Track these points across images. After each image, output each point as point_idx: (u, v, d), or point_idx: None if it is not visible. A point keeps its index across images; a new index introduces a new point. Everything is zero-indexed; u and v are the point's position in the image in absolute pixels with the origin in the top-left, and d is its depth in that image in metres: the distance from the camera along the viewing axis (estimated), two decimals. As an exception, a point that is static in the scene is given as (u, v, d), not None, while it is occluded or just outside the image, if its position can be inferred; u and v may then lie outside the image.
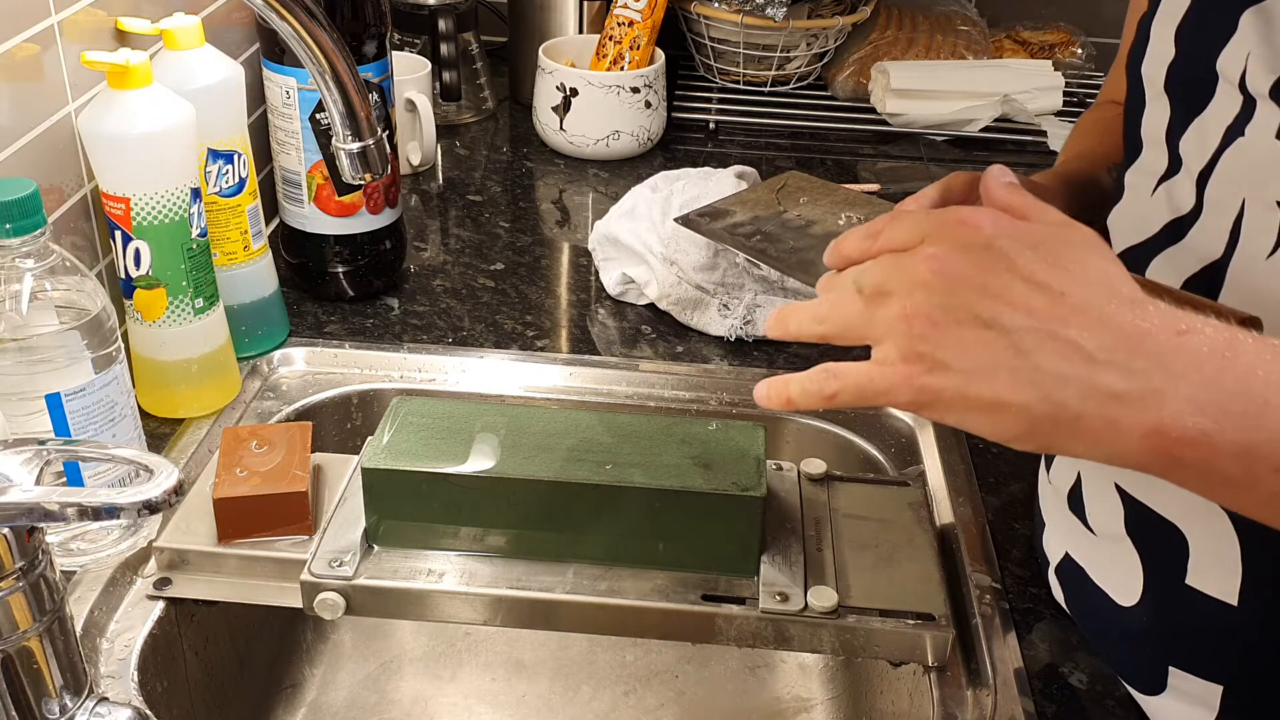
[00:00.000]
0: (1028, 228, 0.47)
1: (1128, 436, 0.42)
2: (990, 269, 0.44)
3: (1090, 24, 1.59)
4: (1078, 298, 0.44)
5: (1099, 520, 0.66)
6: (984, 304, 0.44)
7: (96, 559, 0.72)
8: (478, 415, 0.73)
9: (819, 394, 0.49)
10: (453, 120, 1.41)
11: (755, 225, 0.78)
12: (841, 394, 0.48)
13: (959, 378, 0.44)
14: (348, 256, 1.00)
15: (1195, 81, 0.56)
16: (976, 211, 0.47)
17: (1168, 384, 0.42)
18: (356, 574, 0.69)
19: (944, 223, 0.46)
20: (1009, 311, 0.43)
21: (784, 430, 0.91)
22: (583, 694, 0.90)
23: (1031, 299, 0.44)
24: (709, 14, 1.44)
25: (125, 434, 0.72)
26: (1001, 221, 0.46)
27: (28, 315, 0.65)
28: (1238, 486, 0.43)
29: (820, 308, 0.49)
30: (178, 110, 0.77)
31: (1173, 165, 0.59)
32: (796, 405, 0.50)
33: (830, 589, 0.68)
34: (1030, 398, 0.43)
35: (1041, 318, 0.43)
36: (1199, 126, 0.56)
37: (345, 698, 0.89)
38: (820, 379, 0.48)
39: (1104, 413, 0.42)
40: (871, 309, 0.47)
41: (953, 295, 0.44)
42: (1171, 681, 0.62)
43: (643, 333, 1.00)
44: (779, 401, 0.50)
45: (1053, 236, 0.46)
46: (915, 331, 0.45)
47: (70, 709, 0.57)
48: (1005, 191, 0.50)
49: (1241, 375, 0.42)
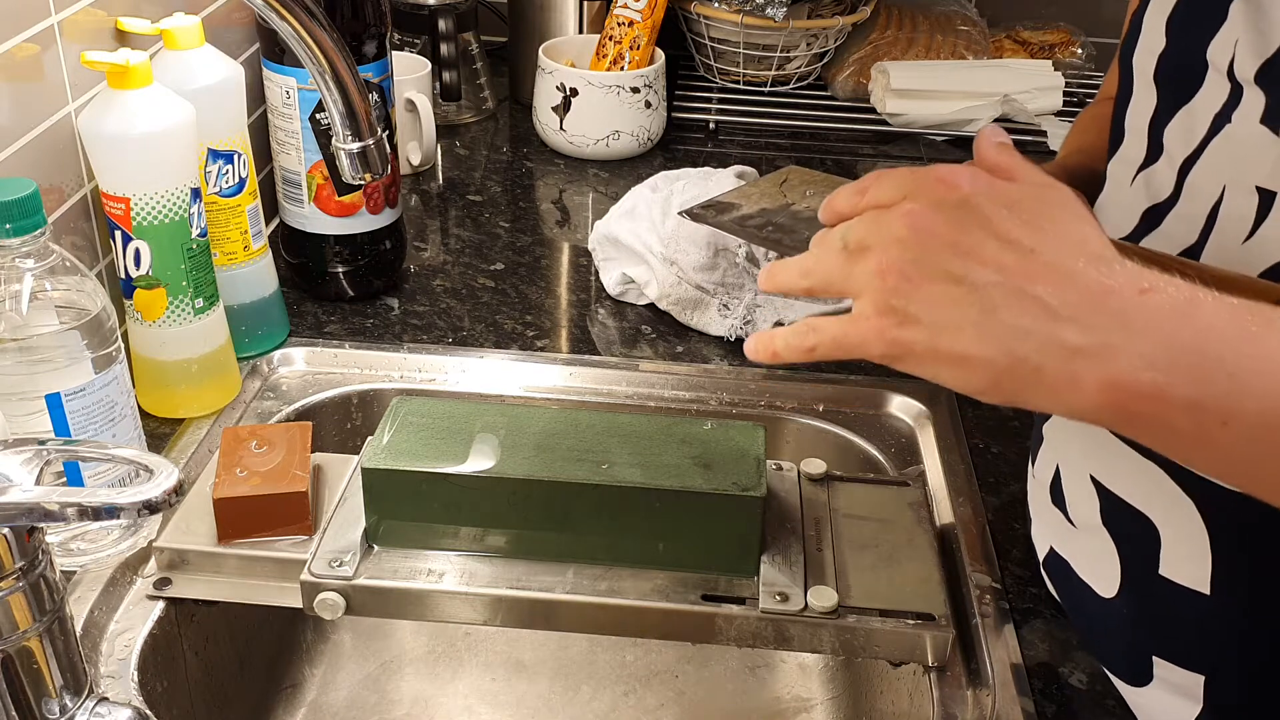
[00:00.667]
0: (1005, 187, 0.48)
1: (1085, 389, 0.44)
2: (964, 227, 0.46)
3: (1090, 24, 1.59)
4: (1047, 255, 0.45)
5: (1078, 512, 0.66)
6: (955, 261, 0.45)
7: (96, 559, 0.72)
8: (478, 415, 0.73)
9: (800, 347, 0.50)
10: (453, 120, 1.41)
11: (765, 218, 0.78)
12: (820, 347, 0.50)
13: (928, 331, 0.46)
14: (348, 256, 1.00)
15: (1185, 71, 0.56)
16: (956, 170, 0.48)
17: (1125, 340, 0.43)
18: (356, 574, 0.69)
19: (925, 180, 0.48)
20: (979, 268, 0.45)
21: (784, 430, 0.91)
22: (583, 694, 0.90)
23: (1002, 256, 0.45)
24: (709, 14, 1.44)
25: (125, 434, 0.72)
26: (979, 181, 0.47)
27: (28, 315, 0.65)
28: (1188, 440, 0.44)
29: (806, 262, 0.51)
30: (178, 110, 0.77)
31: (1152, 154, 0.59)
32: (781, 358, 0.52)
33: (830, 589, 0.68)
34: (994, 351, 0.44)
35: (1010, 274, 0.44)
36: (1186, 115, 0.57)
37: (345, 698, 0.89)
38: (801, 332, 0.50)
39: (1063, 366, 0.44)
40: (851, 264, 0.48)
41: (926, 251, 0.46)
42: (1157, 672, 0.63)
43: (643, 333, 1.00)
44: (766, 354, 0.52)
45: (1029, 195, 0.47)
46: (889, 286, 0.46)
47: (70, 709, 0.57)
48: (994, 151, 0.51)
49: (1198, 332, 0.43)
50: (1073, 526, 0.67)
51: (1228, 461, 0.45)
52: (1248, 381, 0.42)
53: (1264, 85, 0.51)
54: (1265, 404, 0.42)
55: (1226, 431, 0.43)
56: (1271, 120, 0.50)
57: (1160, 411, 0.43)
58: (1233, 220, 0.53)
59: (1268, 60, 0.50)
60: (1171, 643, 0.62)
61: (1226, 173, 0.54)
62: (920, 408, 0.90)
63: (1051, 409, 0.46)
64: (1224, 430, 0.43)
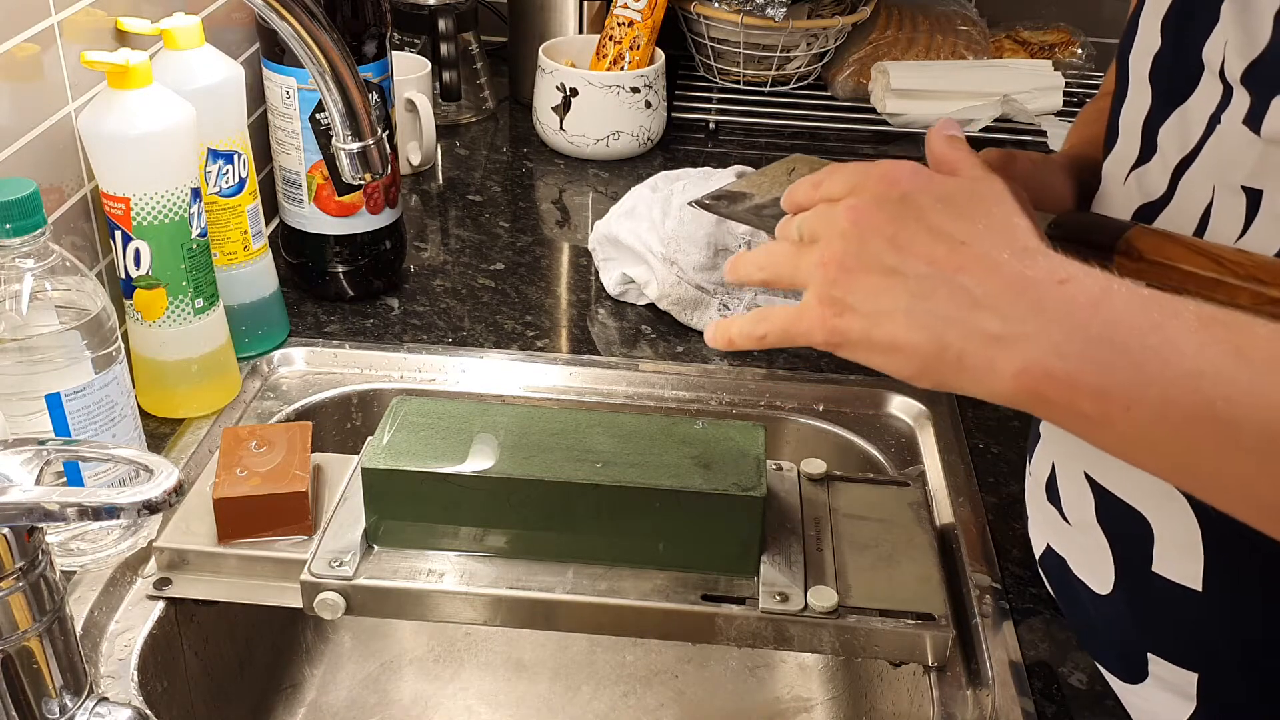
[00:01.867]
0: (942, 182, 0.50)
1: (1001, 375, 0.46)
2: (900, 221, 0.48)
3: (1090, 24, 1.59)
4: (975, 248, 0.47)
5: (1072, 509, 0.67)
6: (891, 253, 0.48)
7: (96, 559, 0.72)
8: (478, 415, 0.73)
9: (752, 334, 0.54)
10: (453, 120, 1.41)
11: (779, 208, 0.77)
12: (770, 334, 0.53)
13: (864, 320, 0.48)
14: (348, 256, 1.00)
15: (1179, 71, 0.57)
16: (898, 166, 0.51)
17: (1039, 328, 0.45)
18: (356, 574, 0.69)
19: (869, 176, 0.51)
20: (912, 260, 0.47)
21: (784, 430, 0.91)
22: (583, 694, 0.90)
23: (934, 249, 0.47)
24: (709, 14, 1.44)
25: (125, 434, 0.72)
26: (919, 177, 0.50)
27: (28, 315, 0.65)
28: (1094, 424, 0.46)
29: (761, 255, 0.54)
30: (178, 110, 0.77)
31: (1145, 153, 0.60)
32: (736, 345, 0.55)
33: (830, 589, 0.68)
34: (922, 339, 0.47)
35: (939, 266, 0.47)
36: (1181, 116, 0.57)
37: (345, 698, 0.89)
38: (754, 320, 0.53)
39: (983, 352, 0.46)
40: (800, 256, 0.51)
41: (864, 244, 0.48)
42: (1151, 669, 0.63)
43: (643, 333, 1.00)
44: (722, 342, 0.56)
45: (964, 190, 0.50)
46: (830, 277, 0.49)
47: (70, 709, 0.57)
48: (941, 144, 0.54)
49: (1107, 323, 0.45)
50: (1068, 524, 0.67)
51: (1130, 445, 0.46)
52: (1150, 369, 0.44)
53: (1249, 85, 0.51)
54: (1165, 391, 0.44)
55: (1129, 416, 0.44)
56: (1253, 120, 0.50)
57: (1068, 397, 0.45)
58: (1225, 220, 0.54)
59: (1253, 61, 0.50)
60: (1165, 640, 0.62)
61: (1217, 173, 0.54)
62: (920, 408, 0.90)
63: (974, 393, 0.48)
64: (1127, 415, 0.44)
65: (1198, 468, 0.45)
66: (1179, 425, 0.44)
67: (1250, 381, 0.43)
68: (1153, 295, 0.46)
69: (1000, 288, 0.46)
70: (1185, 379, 0.43)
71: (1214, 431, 0.43)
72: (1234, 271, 0.51)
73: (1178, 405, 0.43)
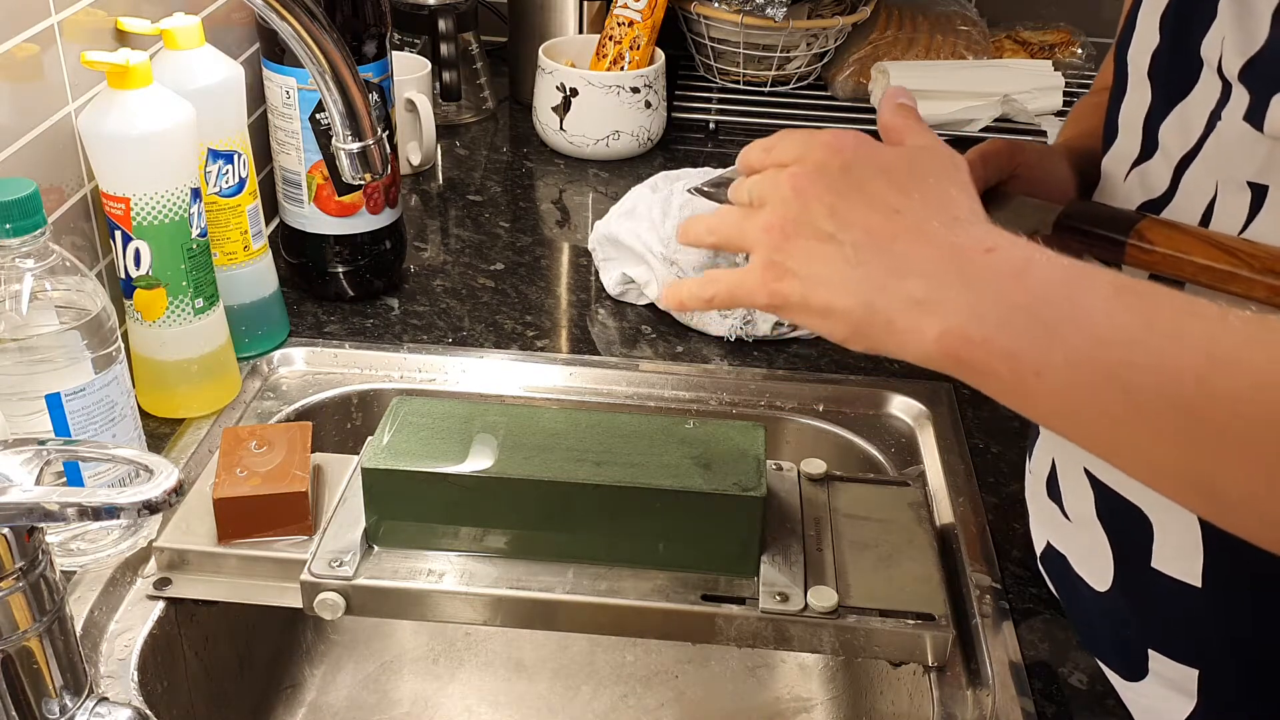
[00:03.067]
0: (884, 152, 0.52)
1: (924, 338, 0.48)
2: (840, 189, 0.50)
3: (1090, 24, 1.59)
4: (910, 217, 0.49)
5: (1073, 506, 0.67)
6: (829, 220, 0.50)
7: (96, 559, 0.72)
8: (478, 415, 0.73)
9: (700, 295, 0.55)
10: (453, 120, 1.41)
11: None
12: (717, 296, 0.55)
13: (802, 284, 0.50)
14: (348, 256, 1.00)
15: (1179, 68, 0.57)
16: (842, 135, 0.52)
17: (961, 294, 0.47)
18: (356, 574, 0.69)
19: (815, 144, 0.52)
20: (849, 228, 0.49)
21: (784, 430, 0.91)
22: (583, 694, 0.90)
23: (870, 217, 0.49)
24: (709, 14, 1.44)
25: (125, 434, 0.72)
26: (862, 147, 0.52)
27: (28, 315, 0.65)
28: (1008, 387, 0.47)
29: (711, 219, 0.55)
30: (178, 110, 0.77)
31: (1146, 150, 0.60)
32: (687, 307, 0.57)
33: (830, 589, 0.68)
34: (853, 303, 0.49)
35: (874, 234, 0.49)
36: (1181, 112, 0.57)
37: (345, 698, 0.89)
38: (703, 283, 0.55)
39: (908, 317, 0.48)
40: (747, 220, 0.53)
41: (806, 211, 0.50)
42: (1152, 666, 0.63)
43: (643, 333, 1.00)
44: (673, 303, 0.57)
45: (904, 160, 0.52)
46: (773, 242, 0.51)
47: (70, 709, 0.57)
48: (890, 112, 0.56)
49: (1026, 290, 0.46)
50: (1068, 520, 0.68)
51: (1042, 409, 0.48)
52: (1062, 336, 0.45)
53: (1246, 83, 0.51)
54: (1072, 356, 0.45)
55: (1040, 380, 0.46)
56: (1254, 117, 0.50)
57: (984, 360, 0.47)
58: (1227, 216, 0.54)
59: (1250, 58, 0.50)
60: (1165, 636, 0.62)
61: (1220, 170, 0.54)
62: (920, 408, 0.90)
63: (901, 356, 0.49)
64: (1038, 379, 0.46)
65: (1105, 434, 0.47)
66: (1085, 390, 0.45)
67: (1153, 350, 0.44)
68: (1073, 265, 0.47)
69: (929, 255, 0.48)
70: (1093, 345, 0.45)
71: (1118, 397, 0.44)
72: (1249, 264, 0.51)
73: (1084, 369, 0.45)
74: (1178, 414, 0.43)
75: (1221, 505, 0.45)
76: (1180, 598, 0.59)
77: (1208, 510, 0.47)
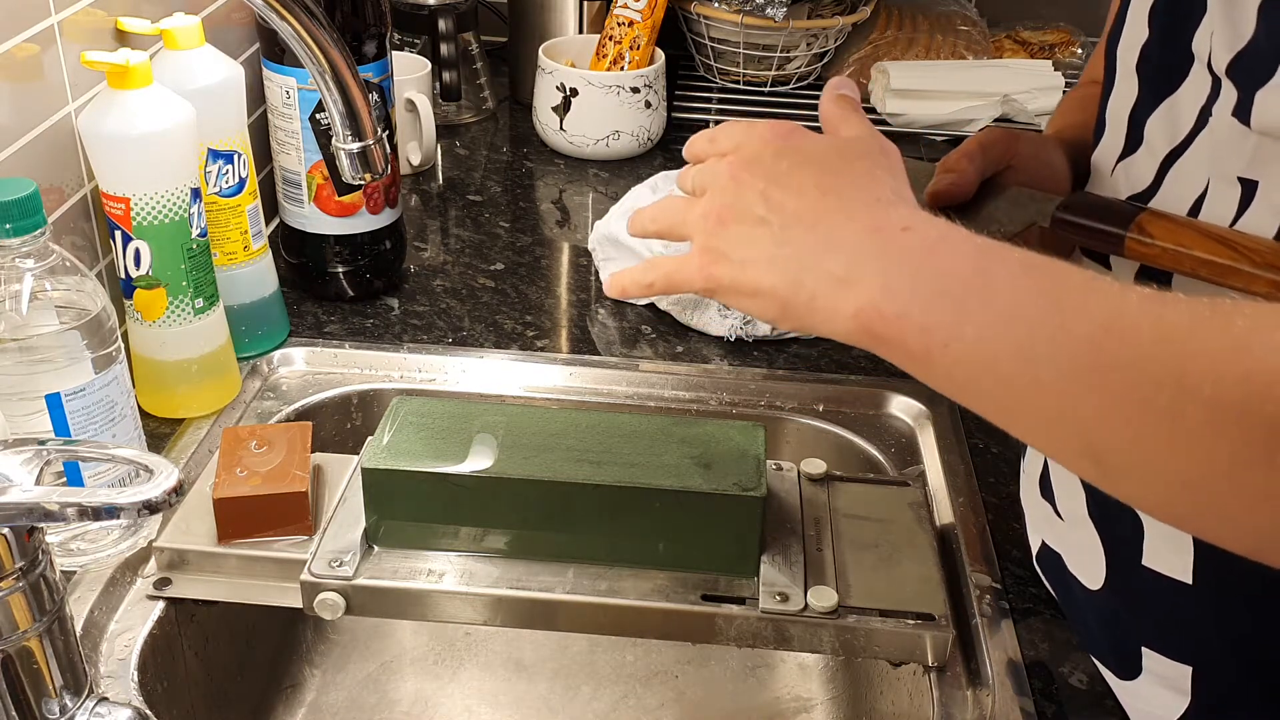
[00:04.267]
0: (816, 140, 0.54)
1: (843, 314, 0.49)
2: (772, 176, 0.52)
3: (1090, 24, 1.59)
4: (835, 200, 0.51)
5: (1065, 505, 0.67)
6: (761, 204, 0.52)
7: (96, 559, 0.72)
8: (478, 415, 0.73)
9: (641, 282, 0.57)
10: (453, 120, 1.41)
11: None
12: (657, 282, 0.56)
13: (734, 267, 0.52)
14: (348, 256, 1.00)
15: (1168, 63, 0.57)
16: (777, 125, 0.55)
17: (877, 271, 0.48)
18: (356, 574, 0.69)
19: (752, 134, 0.54)
20: (779, 211, 0.51)
21: (784, 430, 0.91)
22: (583, 694, 0.90)
23: (799, 201, 0.51)
24: (709, 14, 1.44)
25: (125, 434, 0.72)
26: (795, 136, 0.54)
27: (28, 315, 0.65)
28: (919, 360, 0.49)
29: (654, 209, 0.57)
30: (178, 110, 0.77)
31: (1130, 144, 0.60)
32: (629, 294, 0.59)
33: (830, 589, 0.68)
34: (779, 282, 0.51)
35: (801, 216, 0.51)
36: (1169, 107, 0.57)
37: (345, 698, 0.89)
38: (644, 269, 0.57)
39: (829, 293, 0.49)
40: (688, 208, 0.54)
41: (740, 196, 0.52)
42: (1145, 664, 0.63)
43: (643, 333, 1.00)
44: (616, 290, 0.59)
45: (834, 147, 0.54)
46: (709, 228, 0.53)
47: (70, 709, 0.57)
48: (829, 101, 0.58)
49: (938, 266, 0.48)
50: (1061, 519, 0.68)
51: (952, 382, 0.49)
52: (970, 311, 0.46)
53: (1233, 78, 0.51)
54: (980, 330, 0.46)
55: (948, 353, 0.47)
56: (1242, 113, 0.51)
57: (896, 333, 0.48)
58: (1217, 211, 0.54)
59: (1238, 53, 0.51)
60: (1157, 633, 0.62)
61: (1211, 165, 0.54)
62: (920, 408, 0.90)
63: (824, 333, 0.51)
64: (945, 351, 0.47)
65: (1003, 402, 0.48)
66: (992, 363, 0.46)
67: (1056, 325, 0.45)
68: (986, 243, 0.48)
69: (850, 235, 0.50)
70: (999, 320, 0.46)
71: (1020, 368, 0.46)
72: (1249, 259, 0.51)
73: (991, 344, 0.46)
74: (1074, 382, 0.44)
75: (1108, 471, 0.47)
76: (1171, 595, 0.59)
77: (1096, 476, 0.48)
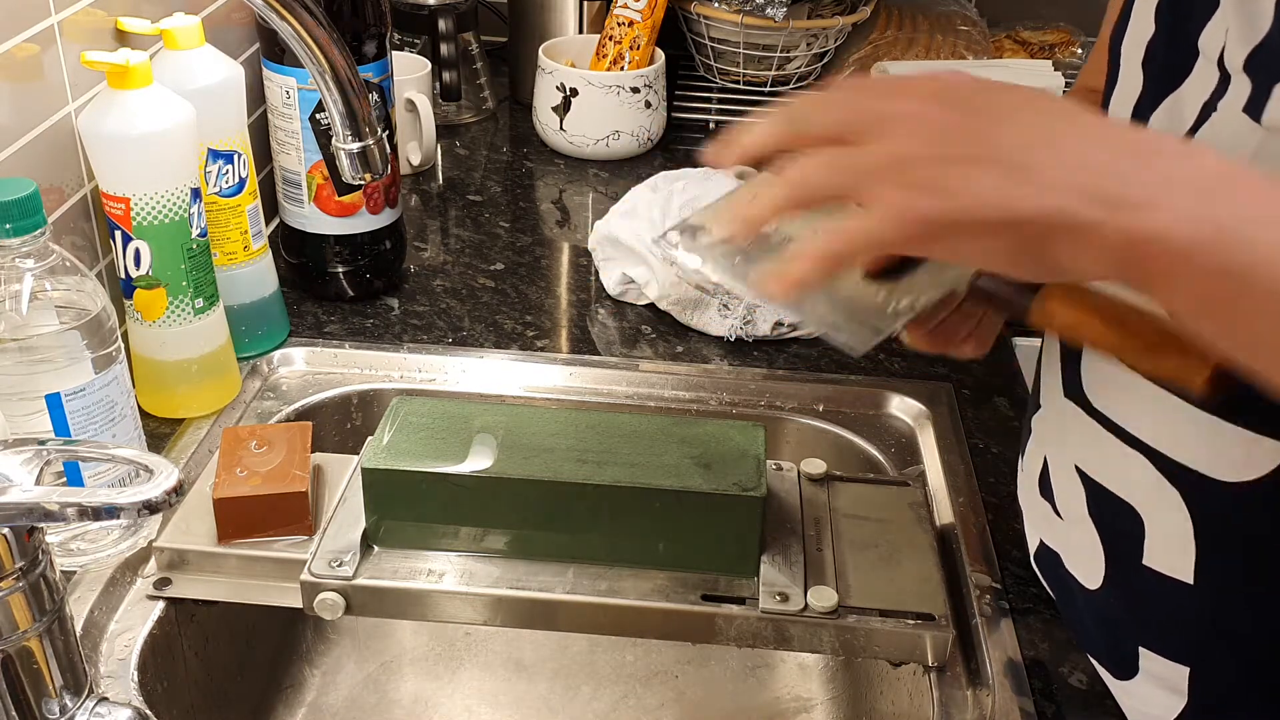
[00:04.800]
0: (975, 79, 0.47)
1: (1111, 244, 0.43)
2: (966, 103, 0.45)
3: (1090, 24, 1.58)
4: (1079, 123, 0.44)
5: (1065, 504, 0.67)
6: (975, 143, 0.44)
7: (96, 559, 0.72)
8: (477, 415, 0.73)
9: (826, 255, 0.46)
10: (453, 120, 1.41)
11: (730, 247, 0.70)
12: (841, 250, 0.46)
13: (954, 200, 0.43)
14: (348, 256, 1.00)
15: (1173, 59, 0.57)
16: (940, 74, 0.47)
17: (1167, 196, 0.42)
18: (356, 574, 0.69)
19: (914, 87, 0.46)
20: (1002, 143, 0.44)
21: (784, 430, 0.91)
22: (583, 694, 0.90)
23: (1024, 131, 0.44)
24: (709, 14, 1.44)
25: (125, 434, 0.72)
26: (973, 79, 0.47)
27: (28, 315, 0.65)
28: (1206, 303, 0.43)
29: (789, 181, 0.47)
30: (178, 110, 0.77)
31: None
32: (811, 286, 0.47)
33: (830, 589, 0.68)
34: (1029, 207, 0.43)
35: (1032, 139, 0.44)
36: (1173, 103, 0.57)
37: (345, 698, 0.89)
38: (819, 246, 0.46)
39: (1099, 218, 0.42)
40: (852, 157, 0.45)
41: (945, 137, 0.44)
42: (1142, 664, 0.63)
43: (643, 333, 1.00)
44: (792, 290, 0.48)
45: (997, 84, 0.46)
46: (905, 168, 0.44)
47: (70, 709, 0.57)
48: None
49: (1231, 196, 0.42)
50: (1060, 519, 0.68)
51: (1234, 331, 0.44)
52: (1268, 252, 0.41)
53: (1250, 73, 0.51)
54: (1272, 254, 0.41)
55: (1242, 300, 0.42)
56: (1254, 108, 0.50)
57: (1179, 269, 0.42)
58: None
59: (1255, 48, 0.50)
60: (1156, 633, 0.62)
61: None
62: (920, 408, 0.90)
63: (1073, 269, 0.45)
64: (1240, 299, 0.42)
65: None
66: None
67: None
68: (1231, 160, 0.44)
69: (1125, 154, 0.43)
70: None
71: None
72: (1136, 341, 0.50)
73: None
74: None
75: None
76: (1172, 595, 0.59)
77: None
